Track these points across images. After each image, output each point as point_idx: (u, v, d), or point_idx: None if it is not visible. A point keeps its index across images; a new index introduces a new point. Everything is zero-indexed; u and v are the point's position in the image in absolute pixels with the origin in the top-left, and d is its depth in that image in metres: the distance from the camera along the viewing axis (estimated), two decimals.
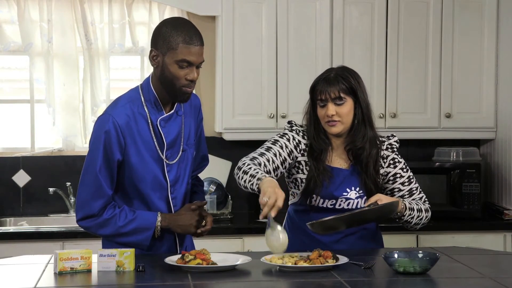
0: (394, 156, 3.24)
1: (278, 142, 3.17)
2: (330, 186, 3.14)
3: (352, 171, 3.17)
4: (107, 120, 2.94)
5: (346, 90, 3.09)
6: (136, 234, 3.00)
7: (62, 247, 4.30)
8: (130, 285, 2.69)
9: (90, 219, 2.99)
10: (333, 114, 3.09)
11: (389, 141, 3.25)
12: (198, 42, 2.92)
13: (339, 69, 3.17)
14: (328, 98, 3.09)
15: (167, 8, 4.91)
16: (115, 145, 2.94)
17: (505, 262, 3.14)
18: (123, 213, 2.99)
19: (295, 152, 3.18)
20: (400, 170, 3.23)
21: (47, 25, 4.82)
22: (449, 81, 4.84)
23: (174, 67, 2.90)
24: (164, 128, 3.01)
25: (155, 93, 2.99)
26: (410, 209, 3.14)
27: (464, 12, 4.83)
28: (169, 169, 3.04)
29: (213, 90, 4.95)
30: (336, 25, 4.76)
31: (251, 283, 2.70)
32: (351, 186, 3.16)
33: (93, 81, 4.87)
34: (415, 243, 4.59)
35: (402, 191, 3.22)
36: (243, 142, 4.86)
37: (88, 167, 2.97)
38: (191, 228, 3.05)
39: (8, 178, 4.88)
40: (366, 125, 3.14)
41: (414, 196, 3.23)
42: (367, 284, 2.66)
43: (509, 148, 4.77)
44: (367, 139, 3.14)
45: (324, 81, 3.12)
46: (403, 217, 3.14)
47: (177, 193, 3.08)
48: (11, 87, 5.11)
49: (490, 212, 4.87)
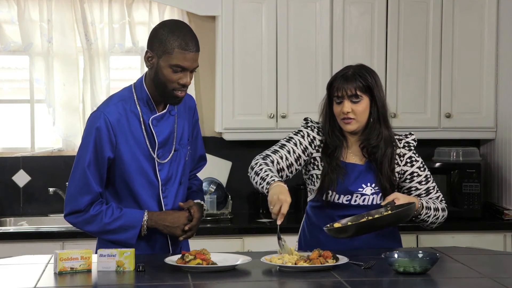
0: (411, 154, 3.24)
1: (293, 139, 3.21)
2: (345, 181, 3.15)
3: (367, 167, 3.18)
4: (99, 117, 2.96)
5: (362, 88, 3.11)
6: (121, 232, 3.00)
7: (62, 247, 4.30)
8: (130, 285, 2.69)
9: (76, 214, 3.01)
10: (348, 112, 3.11)
11: (407, 139, 3.27)
12: (194, 48, 2.93)
13: (357, 67, 3.19)
14: (345, 95, 3.11)
15: (167, 8, 4.90)
16: (105, 142, 2.96)
17: (505, 262, 3.14)
18: (110, 210, 3.00)
19: (310, 149, 3.21)
20: (417, 169, 3.23)
21: (47, 25, 4.82)
22: (449, 81, 4.84)
23: (168, 71, 2.92)
24: (156, 127, 3.03)
25: (148, 93, 3.01)
26: (426, 208, 3.15)
27: (464, 12, 4.83)
28: (160, 168, 3.05)
29: (213, 90, 4.96)
30: (336, 25, 4.76)
31: (251, 283, 2.70)
32: (366, 182, 3.17)
33: (93, 81, 4.87)
34: (415, 243, 4.59)
35: (419, 190, 3.23)
36: (243, 142, 4.87)
37: (78, 163, 3.00)
38: (177, 230, 3.05)
39: (8, 178, 4.88)
40: (381, 124, 3.16)
41: (431, 195, 3.24)
42: (367, 284, 2.66)
43: (509, 148, 4.76)
44: (381, 138, 3.15)
45: (342, 78, 3.13)
46: (420, 216, 3.15)
47: (168, 192, 3.08)
48: (11, 87, 5.11)
49: (490, 212, 4.87)
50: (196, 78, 4.99)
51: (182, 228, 3.05)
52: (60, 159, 4.92)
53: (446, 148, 4.91)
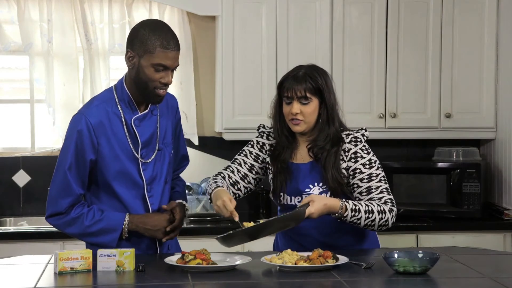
0: (358, 150, 3.10)
1: (243, 151, 3.28)
2: (293, 182, 3.13)
3: (312, 167, 3.13)
4: (80, 119, 2.98)
5: (312, 90, 3.07)
6: (102, 235, 3.01)
7: (62, 247, 4.30)
8: (130, 285, 2.69)
9: (57, 216, 3.02)
10: (297, 113, 3.07)
11: (355, 134, 3.13)
12: (175, 46, 2.94)
13: (309, 67, 3.15)
14: (294, 96, 3.08)
15: (167, 8, 4.90)
16: (87, 144, 2.97)
17: (505, 262, 3.14)
18: (91, 213, 3.01)
19: (262, 155, 3.24)
20: (361, 165, 3.08)
21: (47, 25, 4.82)
22: (449, 81, 4.84)
23: (150, 70, 2.93)
24: (139, 128, 3.03)
25: (129, 93, 3.02)
26: (353, 210, 2.97)
27: (464, 12, 4.83)
28: (144, 168, 3.05)
29: (213, 90, 4.96)
30: (336, 25, 4.76)
31: (251, 283, 2.70)
32: (313, 182, 3.12)
33: (93, 81, 4.87)
34: (415, 243, 4.59)
35: (360, 188, 3.07)
36: (243, 142, 4.84)
37: (59, 165, 3.01)
38: (158, 233, 3.05)
39: (8, 178, 4.88)
40: (330, 125, 3.11)
41: (372, 195, 3.05)
42: (367, 284, 2.66)
43: (509, 148, 4.76)
44: (329, 139, 3.10)
45: (292, 79, 3.10)
46: (344, 218, 2.98)
47: (154, 191, 3.09)
48: (11, 87, 5.11)
49: (490, 212, 4.87)
50: (196, 78, 4.99)
51: (164, 230, 3.05)
52: None
53: (446, 148, 4.91)
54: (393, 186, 4.47)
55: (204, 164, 4.92)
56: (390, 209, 3.04)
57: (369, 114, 4.79)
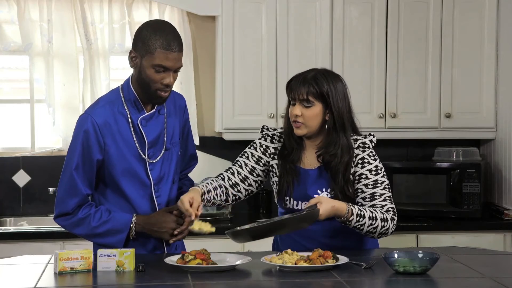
0: (365, 156, 3.09)
1: (245, 153, 3.23)
2: (301, 186, 3.11)
3: (320, 173, 3.10)
4: (86, 120, 2.98)
5: (315, 94, 3.03)
6: (109, 235, 3.01)
7: (62, 247, 4.30)
8: (130, 285, 2.69)
9: (65, 217, 3.03)
10: (297, 115, 3.04)
11: (364, 140, 3.11)
12: (176, 48, 2.92)
13: (319, 71, 3.09)
14: (297, 98, 3.05)
15: (167, 8, 4.91)
16: (94, 144, 2.97)
17: (505, 262, 3.13)
18: (98, 214, 3.01)
19: (264, 158, 3.20)
20: (368, 171, 3.06)
21: (47, 25, 4.82)
22: (449, 81, 4.84)
23: (150, 71, 2.92)
24: (145, 127, 3.03)
25: (135, 93, 3.02)
26: (358, 215, 2.95)
27: (464, 12, 4.83)
28: (151, 168, 3.05)
29: (213, 90, 4.96)
30: (336, 25, 4.76)
31: (251, 283, 2.71)
32: (322, 187, 3.09)
33: (93, 81, 4.87)
34: (415, 243, 4.59)
35: (364, 193, 3.05)
36: (243, 142, 4.85)
37: (66, 166, 3.01)
38: (165, 234, 3.04)
39: (8, 178, 4.88)
40: (338, 132, 3.06)
41: (375, 202, 3.03)
42: (367, 284, 2.66)
43: (509, 148, 4.76)
44: (339, 146, 3.05)
45: (298, 80, 3.06)
46: (349, 222, 2.97)
47: (161, 191, 3.09)
48: (11, 87, 5.11)
49: (490, 212, 4.87)
50: (196, 78, 4.99)
51: (171, 232, 3.04)
52: (60, 159, 4.85)
53: (446, 148, 4.91)
54: (393, 186, 4.46)
55: (204, 164, 4.90)
56: (392, 218, 3.04)
57: (369, 114, 4.79)
